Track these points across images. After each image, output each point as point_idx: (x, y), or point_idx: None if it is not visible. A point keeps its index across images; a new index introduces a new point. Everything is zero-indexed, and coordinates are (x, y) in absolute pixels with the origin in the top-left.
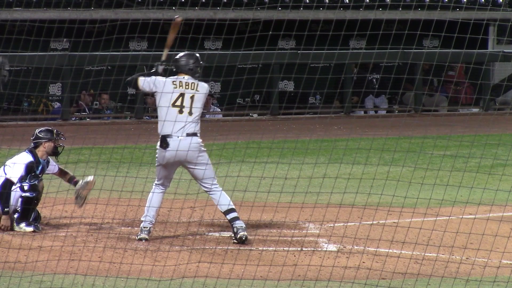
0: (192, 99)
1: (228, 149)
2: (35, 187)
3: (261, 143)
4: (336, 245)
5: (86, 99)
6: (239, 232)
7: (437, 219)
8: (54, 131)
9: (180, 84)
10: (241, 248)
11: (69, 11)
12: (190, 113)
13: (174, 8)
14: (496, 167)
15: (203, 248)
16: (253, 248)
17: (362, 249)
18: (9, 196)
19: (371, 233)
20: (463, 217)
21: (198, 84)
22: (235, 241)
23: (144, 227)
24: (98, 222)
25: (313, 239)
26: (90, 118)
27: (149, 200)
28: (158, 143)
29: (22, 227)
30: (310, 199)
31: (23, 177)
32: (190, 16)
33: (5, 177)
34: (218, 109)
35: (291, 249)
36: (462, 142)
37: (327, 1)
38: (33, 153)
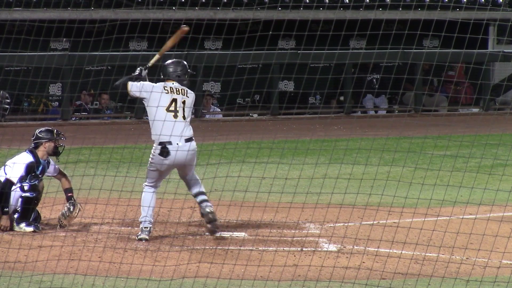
0: (184, 104)
1: (229, 149)
2: (35, 187)
3: (262, 143)
4: (337, 245)
5: (86, 99)
6: (207, 209)
7: (438, 219)
8: (54, 131)
9: (171, 90)
10: (242, 248)
11: (69, 11)
12: (184, 117)
13: (174, 8)
14: (497, 167)
15: (204, 248)
16: (254, 248)
17: (363, 249)
18: (9, 196)
19: (372, 233)
20: (464, 217)
21: (187, 90)
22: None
23: (145, 227)
24: (98, 222)
25: (314, 239)
26: (90, 118)
27: (145, 200)
28: (155, 150)
29: (22, 227)
30: (311, 199)
31: (23, 177)
32: (190, 16)
33: (5, 177)
34: (218, 109)
35: (292, 249)
36: (463, 142)
37: (327, 1)
38: (34, 153)
